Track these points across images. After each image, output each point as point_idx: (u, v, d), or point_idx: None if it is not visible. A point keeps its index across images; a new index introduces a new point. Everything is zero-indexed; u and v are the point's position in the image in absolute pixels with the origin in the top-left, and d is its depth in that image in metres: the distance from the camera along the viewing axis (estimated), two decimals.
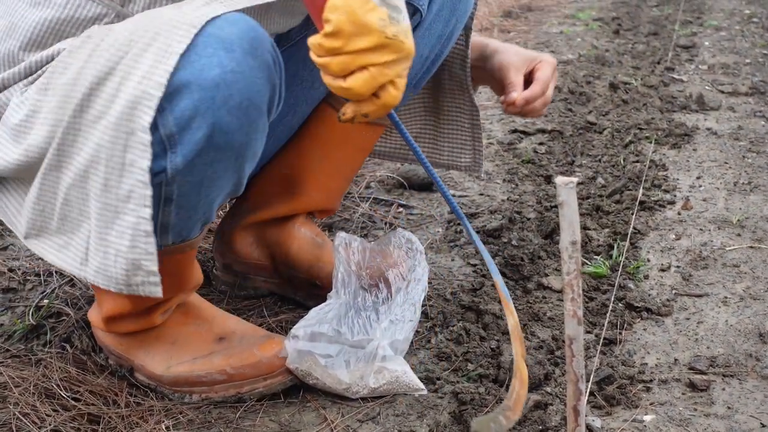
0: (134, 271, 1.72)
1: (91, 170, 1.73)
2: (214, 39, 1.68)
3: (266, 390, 2.08)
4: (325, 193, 2.44)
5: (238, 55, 1.70)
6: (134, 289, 1.74)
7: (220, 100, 1.69)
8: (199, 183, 1.80)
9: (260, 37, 1.74)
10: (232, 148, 1.77)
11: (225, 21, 1.71)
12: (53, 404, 2.02)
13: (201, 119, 1.69)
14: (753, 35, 6.11)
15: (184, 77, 1.66)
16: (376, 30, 1.67)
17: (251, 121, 1.76)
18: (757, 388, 2.11)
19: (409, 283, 2.19)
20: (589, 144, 3.78)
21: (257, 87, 1.74)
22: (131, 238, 1.70)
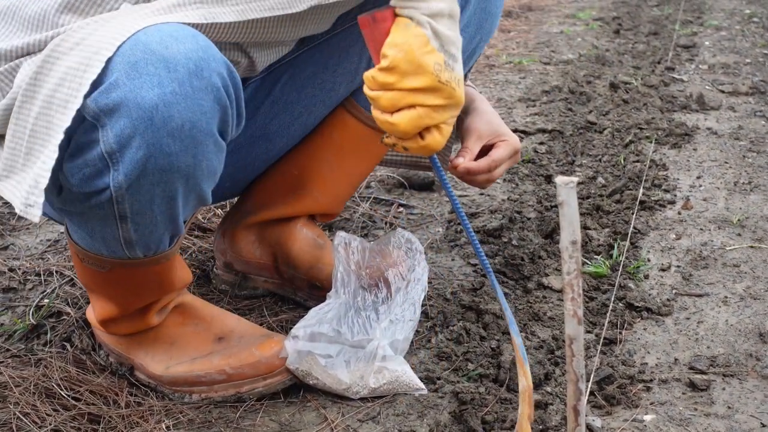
0: (33, 189, 1.63)
1: (56, 93, 1.67)
2: (156, 57, 1.65)
3: (266, 390, 2.08)
4: (331, 197, 2.44)
5: (180, 75, 1.66)
6: (27, 212, 1.63)
7: (159, 122, 1.66)
8: (150, 201, 1.77)
9: (209, 57, 1.70)
10: (178, 170, 1.73)
11: (173, 38, 1.67)
12: (53, 404, 2.02)
13: (140, 139, 1.66)
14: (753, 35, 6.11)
15: (123, 94, 1.63)
16: (430, 72, 1.71)
17: (197, 144, 1.72)
18: (758, 388, 2.11)
19: (409, 282, 2.19)
20: (589, 144, 3.77)
21: (202, 109, 1.70)
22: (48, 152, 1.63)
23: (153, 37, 1.66)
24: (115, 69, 1.64)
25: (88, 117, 1.64)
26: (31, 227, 2.99)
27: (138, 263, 1.94)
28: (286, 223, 2.44)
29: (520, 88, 4.78)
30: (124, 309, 2.04)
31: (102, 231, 1.85)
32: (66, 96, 1.65)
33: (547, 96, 4.56)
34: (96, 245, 1.91)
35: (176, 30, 1.69)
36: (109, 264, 1.94)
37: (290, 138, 2.36)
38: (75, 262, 2.03)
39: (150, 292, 2.04)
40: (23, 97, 1.73)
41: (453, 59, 1.74)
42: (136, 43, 1.65)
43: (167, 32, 1.67)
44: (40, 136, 1.70)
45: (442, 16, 1.73)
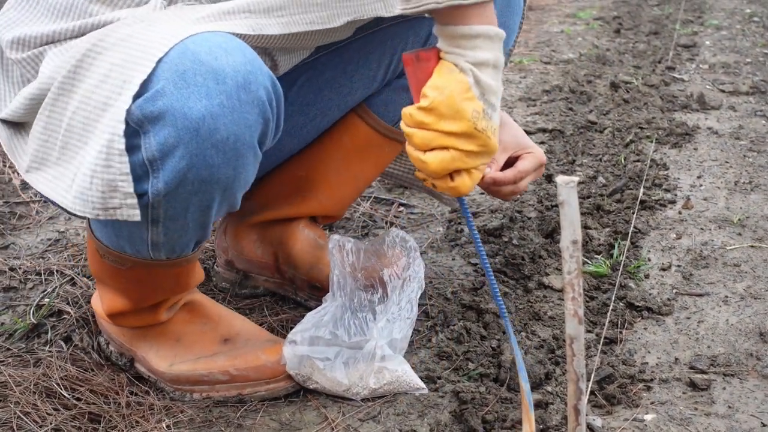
0: (111, 193, 1.65)
1: (97, 89, 1.68)
2: (205, 68, 1.64)
3: (268, 394, 2.08)
4: (335, 200, 2.44)
5: (228, 87, 1.66)
6: (111, 214, 1.66)
7: (205, 133, 1.65)
8: (185, 209, 1.78)
9: (256, 71, 1.70)
10: (218, 182, 1.73)
11: (222, 50, 1.67)
12: (54, 403, 2.02)
13: (184, 150, 1.66)
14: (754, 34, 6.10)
15: (169, 103, 1.62)
16: (467, 119, 1.72)
17: (239, 156, 1.72)
18: (758, 388, 2.11)
19: (405, 281, 2.19)
20: (589, 143, 3.77)
21: (247, 123, 1.70)
22: (106, 157, 1.63)
23: (202, 47, 1.65)
24: (162, 77, 1.63)
25: (131, 123, 1.63)
26: (31, 227, 2.99)
27: (159, 264, 1.94)
28: (288, 223, 2.44)
29: (520, 88, 4.77)
30: (136, 305, 2.05)
31: (130, 231, 1.85)
32: (107, 94, 1.65)
33: (548, 95, 4.56)
34: (120, 243, 1.91)
35: (225, 41, 1.68)
36: (130, 262, 1.94)
37: (302, 139, 2.36)
38: (92, 256, 2.03)
39: (165, 291, 2.05)
40: (59, 90, 1.72)
41: (492, 108, 1.76)
42: (185, 51, 1.64)
43: (216, 43, 1.67)
44: (77, 132, 1.70)
45: (486, 66, 1.74)
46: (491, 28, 1.72)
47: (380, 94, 2.32)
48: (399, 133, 2.36)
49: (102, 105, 1.65)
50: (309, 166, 2.39)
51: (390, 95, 2.31)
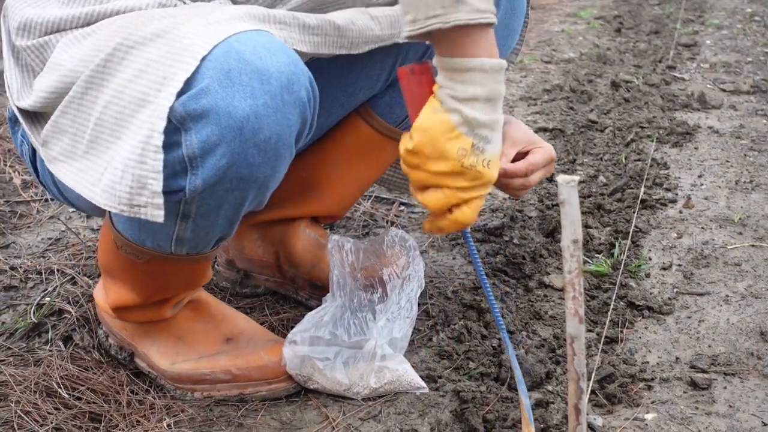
0: (139, 189, 1.63)
1: (132, 84, 1.67)
2: (250, 67, 1.64)
3: (269, 394, 2.08)
4: (338, 200, 2.44)
5: (273, 88, 1.66)
6: (136, 211, 1.65)
7: (248, 133, 1.65)
8: (218, 206, 1.78)
9: (299, 72, 1.71)
10: (256, 180, 1.74)
11: (266, 50, 1.67)
12: (54, 402, 2.02)
13: (226, 148, 1.65)
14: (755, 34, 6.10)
15: (214, 101, 1.62)
16: (453, 158, 1.75)
17: (278, 156, 1.73)
18: (759, 387, 2.11)
19: (405, 280, 2.19)
20: (590, 142, 3.77)
21: (288, 123, 1.70)
22: (141, 152, 1.62)
23: (247, 46, 1.65)
24: (206, 74, 1.62)
25: (172, 119, 1.62)
26: (32, 226, 2.99)
27: (177, 259, 1.95)
28: (290, 222, 2.44)
29: (521, 87, 4.77)
30: (144, 299, 2.04)
31: (157, 225, 1.85)
32: (144, 89, 1.64)
33: (549, 95, 4.56)
34: (142, 237, 1.91)
35: (269, 41, 1.69)
36: (149, 256, 1.94)
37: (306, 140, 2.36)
38: (106, 247, 2.02)
39: (176, 287, 2.05)
40: (88, 83, 1.71)
41: (485, 141, 1.76)
42: (230, 50, 1.64)
43: (261, 43, 1.67)
44: (108, 126, 1.69)
45: (477, 100, 1.74)
46: (486, 62, 1.73)
47: (383, 95, 2.32)
48: (401, 134, 2.36)
49: (138, 100, 1.65)
50: (311, 167, 2.39)
51: (393, 96, 2.31)
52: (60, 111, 1.76)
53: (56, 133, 1.79)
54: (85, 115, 1.73)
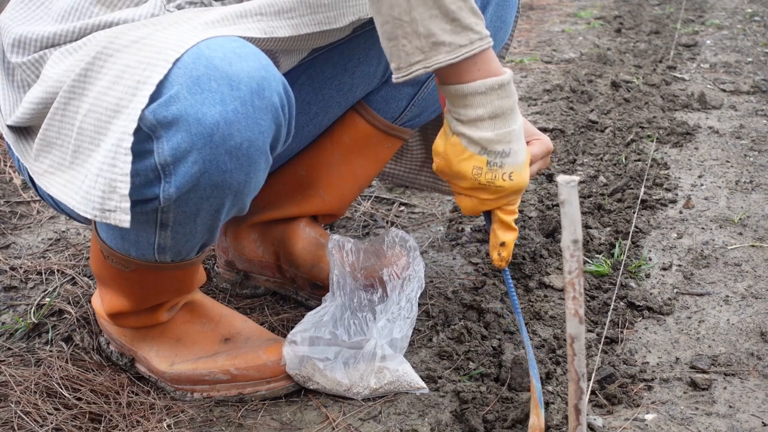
0: (109, 194, 1.63)
1: (110, 91, 1.67)
2: (219, 73, 1.64)
3: (269, 393, 2.08)
4: (337, 198, 2.44)
5: (243, 93, 1.66)
6: (107, 216, 1.65)
7: (219, 139, 1.65)
8: (195, 213, 1.78)
9: (270, 77, 1.70)
10: (230, 187, 1.73)
11: (236, 55, 1.66)
12: (54, 403, 2.02)
13: (197, 155, 1.65)
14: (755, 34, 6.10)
15: (183, 108, 1.62)
16: (469, 177, 1.87)
17: (251, 162, 1.72)
18: (759, 387, 2.11)
19: (405, 280, 2.19)
20: (590, 143, 3.77)
21: (260, 128, 1.70)
22: (113, 155, 1.62)
23: (216, 52, 1.65)
24: (175, 82, 1.62)
25: (144, 127, 1.62)
26: (32, 226, 2.99)
27: (163, 267, 1.94)
28: (290, 222, 2.44)
29: (521, 87, 4.77)
30: (137, 306, 2.05)
31: (137, 235, 1.85)
32: (120, 95, 1.65)
33: (549, 95, 4.56)
34: (126, 246, 1.91)
35: (240, 47, 1.68)
36: (134, 265, 1.94)
37: (303, 138, 2.36)
38: (95, 257, 2.03)
39: (167, 293, 2.05)
40: (70, 93, 1.72)
41: (502, 155, 1.85)
42: (199, 56, 1.64)
43: (231, 48, 1.67)
44: (88, 134, 1.69)
45: (482, 120, 1.83)
46: (482, 84, 1.80)
47: (380, 91, 2.32)
48: (398, 129, 2.36)
49: (114, 107, 1.65)
50: (309, 165, 2.39)
51: (389, 91, 2.32)
52: (46, 123, 1.77)
53: (45, 146, 1.79)
54: (69, 126, 1.73)
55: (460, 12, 1.74)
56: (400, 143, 2.42)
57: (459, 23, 1.75)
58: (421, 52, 1.76)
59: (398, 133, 2.37)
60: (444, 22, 1.74)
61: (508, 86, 1.83)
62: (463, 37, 1.76)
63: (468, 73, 1.81)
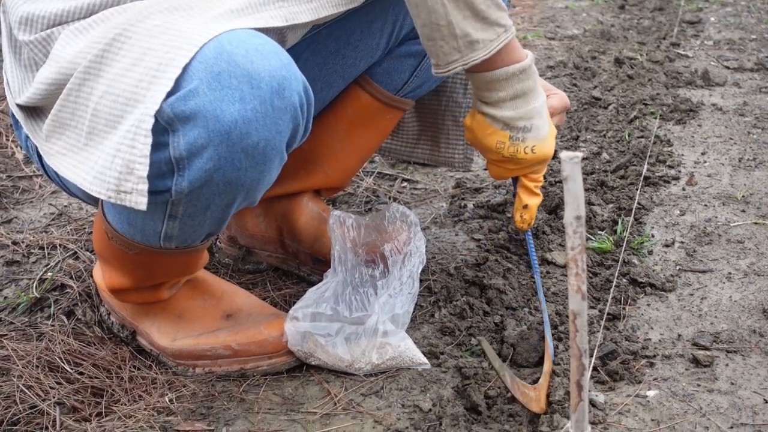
0: (126, 175, 1.63)
1: (128, 73, 1.66)
2: (240, 70, 1.63)
3: (270, 368, 2.08)
4: (341, 171, 2.44)
5: (263, 92, 1.64)
6: (122, 198, 1.65)
7: (236, 137, 1.64)
8: (205, 208, 1.78)
9: (291, 76, 1.69)
10: (243, 184, 1.73)
11: (258, 53, 1.65)
12: (57, 377, 2.02)
13: (213, 151, 1.65)
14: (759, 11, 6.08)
15: (202, 104, 1.61)
16: (493, 150, 2.11)
17: (266, 161, 1.72)
18: (761, 364, 2.11)
19: (406, 256, 2.19)
20: (593, 119, 3.76)
21: (278, 128, 1.69)
22: (133, 136, 1.61)
23: (238, 49, 1.63)
24: (195, 76, 1.61)
25: (161, 120, 1.62)
26: (34, 201, 2.99)
27: (167, 252, 1.94)
28: (292, 197, 2.44)
29: None
30: (138, 284, 2.05)
31: (144, 223, 1.85)
32: (138, 78, 1.64)
33: (552, 71, 4.55)
34: (131, 231, 1.91)
35: (262, 44, 1.67)
36: (138, 249, 1.94)
37: None
38: (98, 235, 2.02)
39: (170, 274, 2.05)
40: (85, 74, 1.70)
41: (524, 131, 2.07)
42: (221, 52, 1.62)
43: (253, 45, 1.65)
44: (103, 117, 1.68)
45: (504, 102, 2.04)
46: (504, 71, 2.00)
47: (382, 63, 2.32)
48: (400, 101, 2.37)
49: (132, 90, 1.64)
50: (312, 139, 2.38)
51: (392, 63, 2.31)
52: (59, 105, 1.76)
53: (57, 127, 1.78)
54: (83, 107, 1.72)
55: (488, 9, 1.91)
56: (401, 114, 2.42)
57: (487, 20, 1.92)
58: (458, 51, 1.92)
59: (400, 105, 2.37)
60: (475, 21, 1.91)
61: (528, 69, 2.02)
62: (491, 33, 1.93)
63: (494, 63, 1.99)
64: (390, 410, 1.95)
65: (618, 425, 1.91)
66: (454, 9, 1.88)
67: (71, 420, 1.91)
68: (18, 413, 1.91)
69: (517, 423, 1.90)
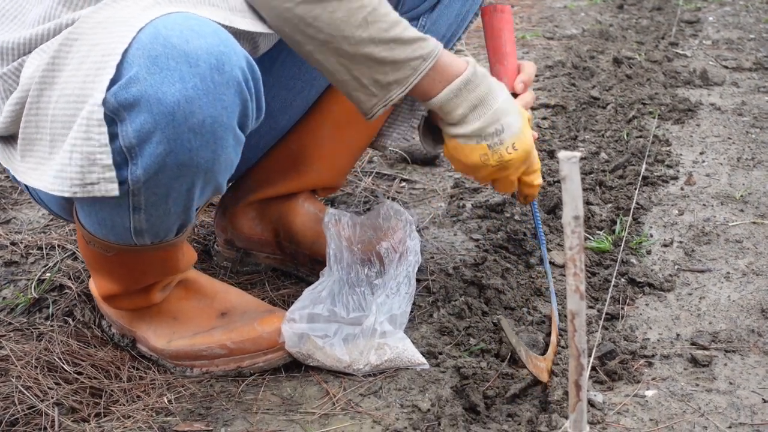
0: (89, 167, 1.65)
1: (77, 73, 1.68)
2: (177, 51, 1.64)
3: (266, 365, 2.08)
4: (332, 170, 2.44)
5: (202, 70, 1.65)
6: (89, 190, 1.67)
7: (181, 118, 1.65)
8: (166, 195, 1.77)
9: (230, 52, 1.70)
10: (198, 165, 1.73)
11: (194, 33, 1.66)
12: (55, 377, 2.02)
13: (161, 135, 1.65)
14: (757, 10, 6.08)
15: (143, 89, 1.62)
16: (481, 166, 2.05)
17: (217, 138, 1.72)
18: (759, 364, 2.11)
19: (402, 255, 2.19)
20: (592, 119, 3.76)
21: (223, 104, 1.69)
22: (86, 128, 1.63)
23: (173, 31, 1.64)
24: (134, 63, 1.63)
25: (107, 111, 1.63)
26: (33, 201, 2.99)
27: (144, 249, 1.94)
28: (288, 198, 2.44)
29: None
30: (125, 288, 2.05)
31: (112, 220, 1.85)
32: (84, 75, 1.65)
33: (551, 71, 4.55)
34: (104, 232, 1.91)
35: (197, 24, 1.68)
36: (115, 249, 1.94)
37: (293, 114, 2.35)
38: (80, 241, 2.03)
39: (154, 274, 2.04)
40: (40, 85, 1.72)
41: (497, 134, 2.01)
42: (156, 36, 1.63)
43: (188, 26, 1.66)
44: (60, 120, 1.69)
45: (465, 116, 2.00)
46: (449, 90, 1.96)
47: None
48: None
49: (81, 87, 1.66)
50: (301, 139, 2.38)
51: None
52: (24, 122, 1.78)
53: (25, 144, 1.80)
54: (43, 118, 1.74)
55: (393, 53, 1.88)
56: (391, 107, 2.41)
57: (396, 62, 1.89)
58: (374, 96, 1.93)
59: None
60: (382, 67, 1.89)
61: (473, 78, 1.97)
62: (406, 70, 1.91)
63: (432, 89, 1.97)
64: (389, 410, 1.95)
65: (616, 425, 1.91)
66: (355, 65, 1.89)
67: (70, 420, 1.91)
68: (16, 414, 1.91)
69: (516, 423, 1.90)
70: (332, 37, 1.84)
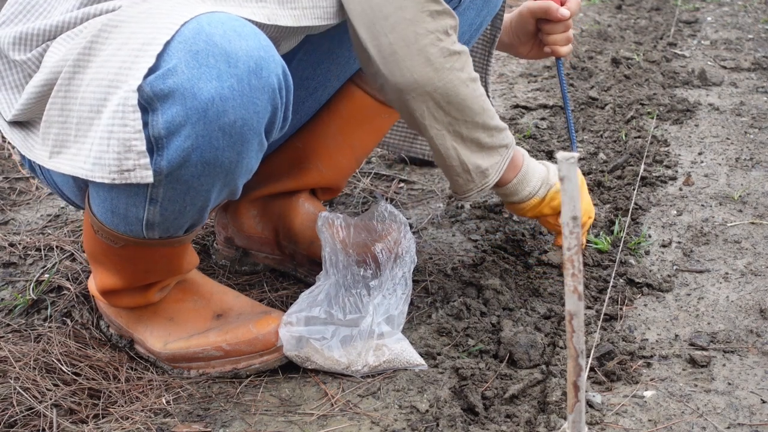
0: (125, 153, 1.66)
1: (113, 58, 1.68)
2: (218, 50, 1.65)
3: (262, 366, 2.08)
4: (335, 171, 2.44)
5: (240, 71, 1.67)
6: (126, 177, 1.68)
7: (213, 115, 1.66)
8: (185, 191, 1.78)
9: (269, 58, 1.71)
10: (221, 165, 1.74)
11: (236, 34, 1.67)
12: (54, 379, 2.02)
13: (191, 129, 1.66)
14: (756, 11, 6.08)
15: (180, 82, 1.63)
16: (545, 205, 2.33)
17: (244, 141, 1.73)
18: (758, 364, 2.11)
19: (397, 256, 2.19)
20: (590, 119, 3.76)
21: (255, 108, 1.71)
22: (122, 114, 1.64)
23: (217, 29, 1.66)
24: (174, 55, 1.63)
25: (141, 99, 1.63)
26: (31, 202, 2.99)
27: (151, 243, 1.94)
28: (289, 197, 2.44)
29: (521, 63, 4.76)
30: (128, 284, 2.04)
31: (126, 209, 1.85)
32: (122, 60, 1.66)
33: (549, 71, 4.55)
34: (115, 221, 1.90)
35: (240, 25, 1.69)
36: (123, 241, 1.94)
37: (304, 113, 2.36)
38: (86, 232, 2.03)
39: (158, 272, 2.04)
40: (74, 68, 1.73)
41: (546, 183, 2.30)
42: (200, 32, 1.64)
43: (231, 26, 1.67)
44: (88, 102, 1.70)
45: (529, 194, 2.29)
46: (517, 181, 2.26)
47: None
48: None
49: (116, 71, 1.66)
50: (307, 137, 2.38)
51: None
52: (49, 103, 1.78)
53: (47, 127, 1.79)
54: (72, 100, 1.74)
55: (492, 139, 2.14)
56: (398, 115, 2.41)
57: (492, 148, 2.15)
58: (472, 182, 2.16)
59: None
60: (482, 152, 2.14)
61: (529, 168, 2.27)
62: (497, 156, 2.17)
63: (507, 175, 2.24)
64: (387, 411, 1.95)
65: (615, 426, 1.91)
66: (464, 149, 2.11)
67: (68, 422, 1.91)
68: (15, 415, 1.91)
69: (514, 423, 1.90)
70: (456, 120, 2.07)
